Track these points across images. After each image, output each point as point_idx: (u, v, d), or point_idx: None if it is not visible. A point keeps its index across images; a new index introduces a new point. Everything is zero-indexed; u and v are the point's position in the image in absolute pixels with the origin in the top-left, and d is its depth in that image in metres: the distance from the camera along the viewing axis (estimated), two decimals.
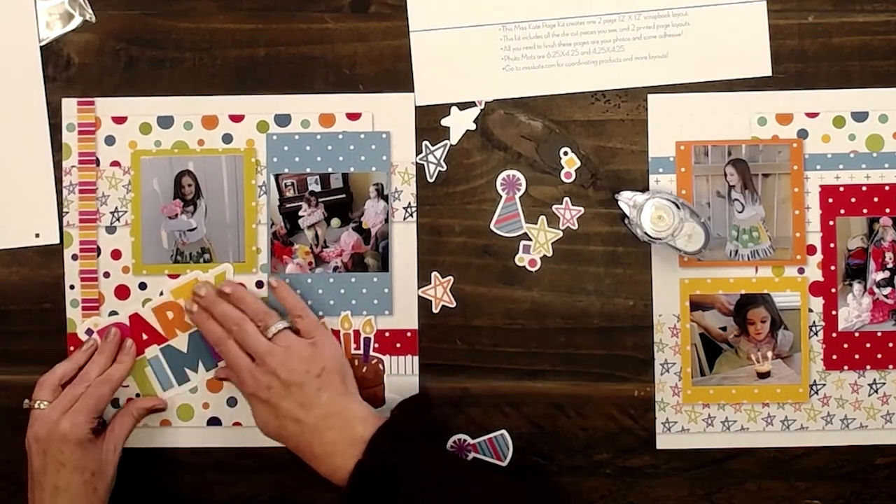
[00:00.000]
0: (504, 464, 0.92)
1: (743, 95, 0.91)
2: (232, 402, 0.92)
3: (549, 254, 0.91)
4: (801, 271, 0.91)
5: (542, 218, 0.91)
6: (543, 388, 0.92)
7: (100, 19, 0.91)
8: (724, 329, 0.91)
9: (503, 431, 0.92)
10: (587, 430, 0.91)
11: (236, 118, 0.91)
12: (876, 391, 0.91)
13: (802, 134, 0.91)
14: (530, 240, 0.91)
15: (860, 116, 0.90)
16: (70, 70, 0.91)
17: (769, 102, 0.91)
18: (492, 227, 0.92)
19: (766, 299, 0.91)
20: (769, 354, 0.91)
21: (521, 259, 0.92)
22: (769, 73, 0.91)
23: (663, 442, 0.91)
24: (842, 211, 0.90)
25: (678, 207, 0.85)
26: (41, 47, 0.91)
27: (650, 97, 0.91)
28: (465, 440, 0.92)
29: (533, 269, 0.91)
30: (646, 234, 0.86)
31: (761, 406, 0.91)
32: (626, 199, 0.89)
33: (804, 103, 0.91)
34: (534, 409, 0.92)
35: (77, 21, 0.91)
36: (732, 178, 0.91)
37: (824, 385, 0.91)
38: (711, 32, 0.90)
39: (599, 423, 0.91)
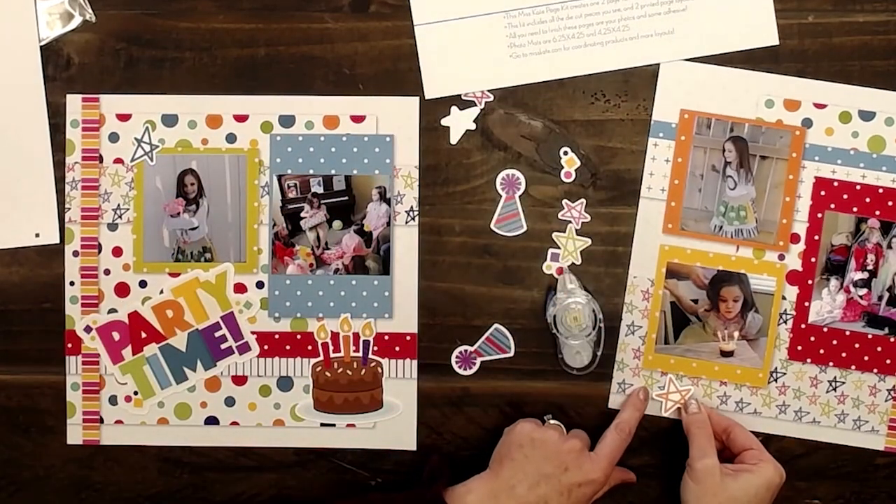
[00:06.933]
0: (510, 354, 0.92)
1: (755, 75, 0.90)
2: (230, 401, 0.92)
3: (578, 262, 0.91)
4: (781, 258, 0.91)
5: (571, 226, 0.91)
6: (543, 388, 0.92)
7: (100, 19, 0.91)
8: (695, 301, 0.91)
9: (496, 325, 0.92)
10: (587, 430, 0.91)
11: (240, 118, 0.91)
12: (834, 389, 0.91)
13: (807, 123, 0.90)
14: (558, 248, 0.91)
15: (867, 116, 0.90)
16: (70, 70, 0.91)
17: (780, 86, 0.90)
18: (492, 226, 0.92)
19: (741, 279, 0.90)
20: (735, 334, 0.91)
21: (549, 266, 0.91)
22: (776, 42, 0.90)
23: (615, 402, 0.92)
24: (832, 205, 0.90)
25: (594, 327, 0.88)
26: (41, 47, 0.91)
27: (662, 65, 0.90)
28: (467, 350, 0.92)
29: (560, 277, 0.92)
30: (553, 317, 0.88)
31: (719, 384, 0.91)
32: (570, 280, 0.90)
33: (814, 93, 0.90)
34: (534, 409, 0.92)
35: (77, 21, 0.91)
36: (730, 154, 0.90)
37: (784, 374, 0.91)
38: (715, 4, 0.90)
39: (600, 423, 0.91)
